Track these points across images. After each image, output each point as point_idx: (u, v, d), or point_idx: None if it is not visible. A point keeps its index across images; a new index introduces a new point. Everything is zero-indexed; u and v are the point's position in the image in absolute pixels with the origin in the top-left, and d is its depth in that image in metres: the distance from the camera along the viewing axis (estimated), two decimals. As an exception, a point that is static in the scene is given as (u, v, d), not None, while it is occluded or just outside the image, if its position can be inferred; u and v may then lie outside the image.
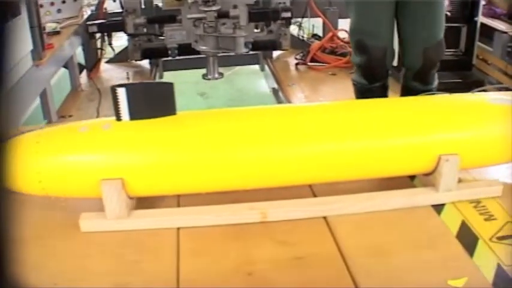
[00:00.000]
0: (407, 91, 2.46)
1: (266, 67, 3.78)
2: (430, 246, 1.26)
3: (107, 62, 3.83)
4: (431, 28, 2.26)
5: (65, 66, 3.32)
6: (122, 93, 1.36)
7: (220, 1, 3.09)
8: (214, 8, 3.09)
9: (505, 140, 1.36)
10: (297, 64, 3.57)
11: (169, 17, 3.34)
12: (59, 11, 3.42)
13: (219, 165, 1.37)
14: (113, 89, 1.38)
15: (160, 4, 3.52)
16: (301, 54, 3.61)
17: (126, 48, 3.73)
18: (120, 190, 1.35)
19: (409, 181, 1.49)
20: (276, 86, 3.34)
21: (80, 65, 3.58)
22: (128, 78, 3.58)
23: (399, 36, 2.36)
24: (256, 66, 4.10)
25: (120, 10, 3.48)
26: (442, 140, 1.38)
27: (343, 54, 3.53)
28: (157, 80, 3.76)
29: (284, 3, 3.38)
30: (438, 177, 1.36)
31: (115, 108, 1.40)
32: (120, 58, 3.79)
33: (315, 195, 1.46)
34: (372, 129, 1.37)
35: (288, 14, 3.18)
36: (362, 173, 1.40)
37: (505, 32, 3.24)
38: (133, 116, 1.39)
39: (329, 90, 3.13)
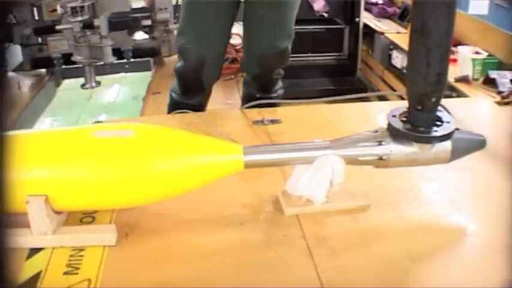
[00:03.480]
0: (245, 97, 2.24)
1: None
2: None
3: (13, 71, 3.88)
4: (270, 35, 1.99)
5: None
6: None
7: (97, 9, 3.10)
8: (79, 19, 3.09)
9: (104, 180, 1.21)
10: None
11: (53, 28, 3.35)
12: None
13: None
14: None
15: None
16: (188, 60, 3.48)
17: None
18: None
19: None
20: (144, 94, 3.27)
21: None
22: (19, 88, 3.62)
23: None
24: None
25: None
26: (29, 180, 1.25)
27: (233, 61, 3.38)
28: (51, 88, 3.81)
29: (166, 8, 3.30)
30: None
31: None
32: (21, 68, 3.83)
33: None
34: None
35: (149, 22, 3.09)
36: None
37: (382, 33, 3.00)
38: None
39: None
